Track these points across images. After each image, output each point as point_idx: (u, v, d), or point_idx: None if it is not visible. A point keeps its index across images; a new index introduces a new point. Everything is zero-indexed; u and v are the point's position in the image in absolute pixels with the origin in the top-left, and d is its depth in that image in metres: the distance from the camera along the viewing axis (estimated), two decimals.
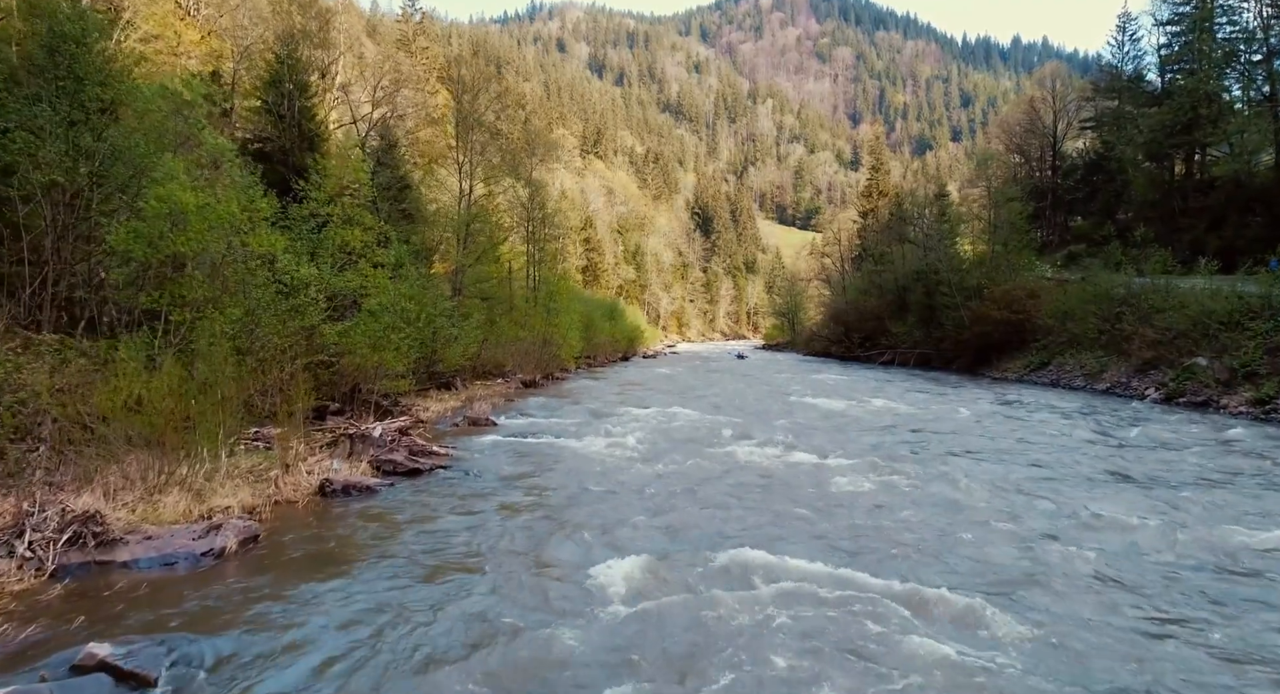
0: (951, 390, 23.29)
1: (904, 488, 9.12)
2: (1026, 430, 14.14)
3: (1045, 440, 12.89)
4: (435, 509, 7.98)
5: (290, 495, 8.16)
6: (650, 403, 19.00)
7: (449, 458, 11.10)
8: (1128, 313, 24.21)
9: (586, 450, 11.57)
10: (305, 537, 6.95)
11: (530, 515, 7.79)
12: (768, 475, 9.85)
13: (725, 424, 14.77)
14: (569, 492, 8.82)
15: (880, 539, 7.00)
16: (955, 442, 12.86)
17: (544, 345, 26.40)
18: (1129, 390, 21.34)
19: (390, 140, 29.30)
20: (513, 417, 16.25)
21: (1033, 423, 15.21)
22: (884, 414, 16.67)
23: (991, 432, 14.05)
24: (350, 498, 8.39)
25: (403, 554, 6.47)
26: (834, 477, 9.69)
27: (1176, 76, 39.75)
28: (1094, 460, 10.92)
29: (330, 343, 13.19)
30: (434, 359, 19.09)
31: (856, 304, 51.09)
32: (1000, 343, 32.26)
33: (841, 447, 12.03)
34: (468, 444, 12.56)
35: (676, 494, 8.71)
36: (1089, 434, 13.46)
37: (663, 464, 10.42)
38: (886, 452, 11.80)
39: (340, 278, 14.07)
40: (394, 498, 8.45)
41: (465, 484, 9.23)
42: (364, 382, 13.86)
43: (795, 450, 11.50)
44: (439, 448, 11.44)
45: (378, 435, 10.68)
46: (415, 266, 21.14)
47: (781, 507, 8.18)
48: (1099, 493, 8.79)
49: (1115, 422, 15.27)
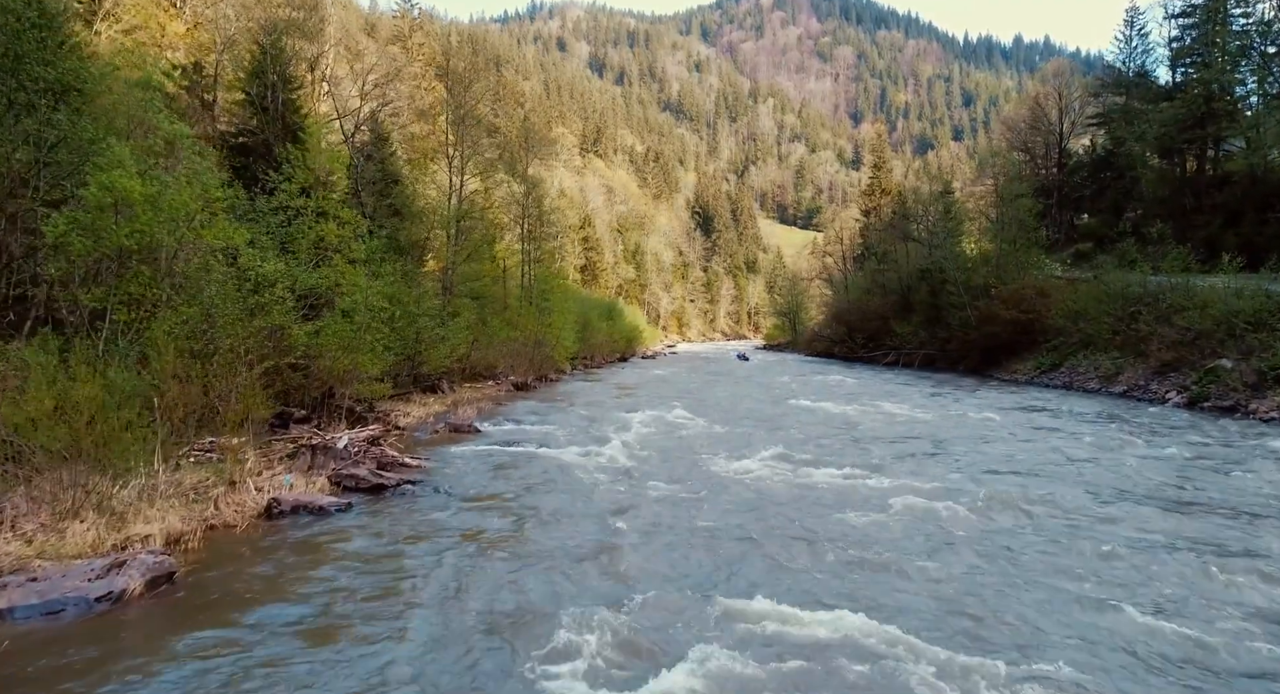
0: (965, 394, 22.25)
1: (951, 522, 7.73)
2: (1061, 441, 12.96)
3: (1088, 454, 11.61)
4: (388, 537, 6.97)
5: (230, 518, 7.21)
6: (645, 408, 18.04)
7: (420, 471, 10.14)
8: (1144, 312, 23.24)
9: (571, 463, 10.60)
10: (227, 574, 5.96)
11: (494, 548, 6.73)
12: (775, 499, 8.72)
13: (725, 433, 13.79)
14: (544, 516, 7.80)
15: (941, 603, 5.40)
16: (991, 455, 11.67)
17: (536, 346, 25.44)
18: (1148, 394, 20.36)
19: (380, 134, 28.38)
20: (498, 423, 15.29)
21: (1065, 432, 14.00)
22: (900, 422, 15.58)
23: (1026, 444, 12.83)
24: (299, 520, 7.43)
25: (328, 601, 5.43)
26: (858, 502, 8.46)
27: (1189, 70, 38.72)
28: (1157, 479, 9.65)
29: (299, 344, 12.23)
30: (417, 361, 18.15)
31: (859, 304, 50.15)
32: (1008, 343, 31.30)
33: (860, 462, 10.82)
34: (445, 454, 11.60)
35: (666, 521, 7.64)
36: (1129, 444, 12.34)
37: (653, 482, 9.37)
38: (916, 470, 10.46)
39: (311, 274, 13.11)
40: (347, 521, 7.47)
41: (430, 504, 8.25)
42: (338, 386, 12.91)
43: (806, 466, 10.36)
44: (410, 459, 10.48)
45: (342, 447, 9.72)
46: (398, 263, 20.20)
47: (796, 544, 6.87)
48: (1197, 528, 7.32)
49: (1147, 430, 14.19)
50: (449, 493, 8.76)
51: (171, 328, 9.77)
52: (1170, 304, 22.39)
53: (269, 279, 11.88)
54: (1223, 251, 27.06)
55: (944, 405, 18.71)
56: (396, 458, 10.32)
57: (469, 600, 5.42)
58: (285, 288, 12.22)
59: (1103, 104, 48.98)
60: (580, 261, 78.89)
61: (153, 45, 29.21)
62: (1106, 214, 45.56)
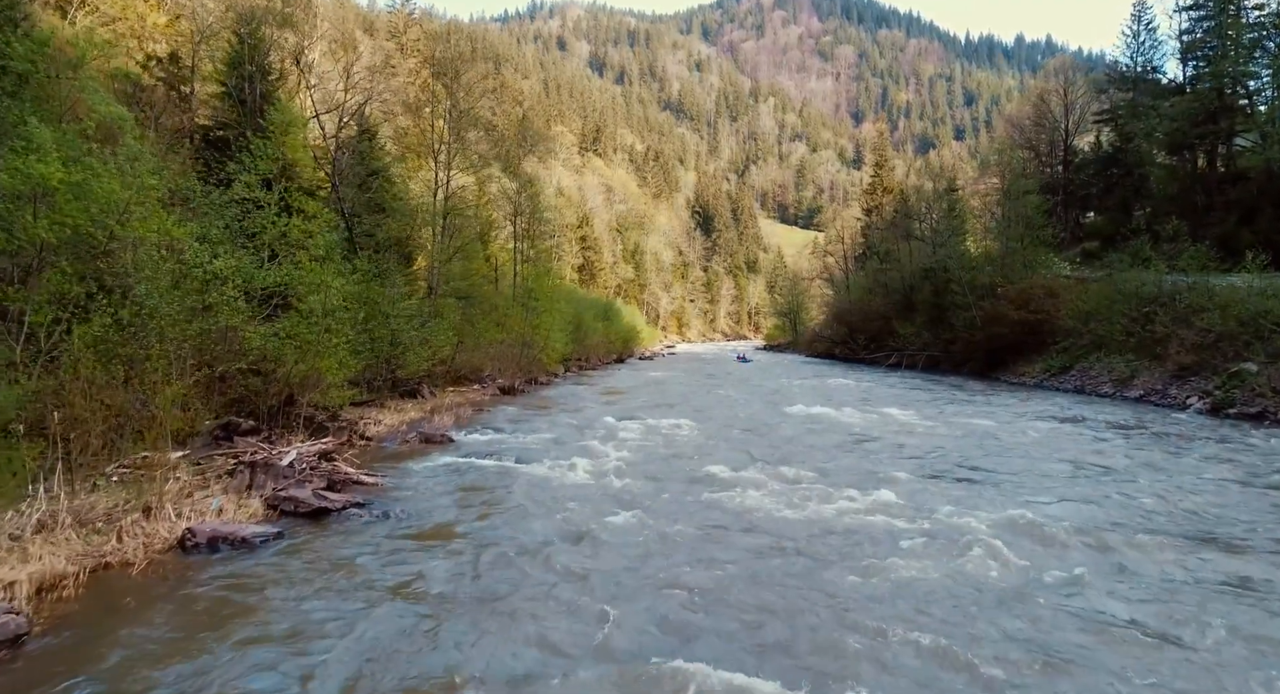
0: (976, 399, 21.08)
1: (1012, 579, 6.01)
2: (1103, 457, 11.53)
3: (1137, 475, 10.21)
4: (310, 582, 5.85)
5: (132, 554, 6.17)
6: (634, 415, 16.99)
7: (376, 490, 9.12)
8: (1160, 313, 22.20)
9: (543, 481, 9.54)
10: (91, 637, 4.84)
11: (437, 599, 5.51)
12: (780, 541, 7.19)
13: (720, 446, 12.65)
14: (506, 551, 6.63)
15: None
16: (1030, 475, 10.28)
17: (524, 348, 24.41)
18: (1167, 399, 19.30)
19: (365, 128, 27.38)
20: (475, 431, 14.26)
21: (1099, 447, 12.53)
22: (913, 432, 14.29)
23: (1060, 460, 11.33)
24: (215, 556, 6.39)
25: (198, 685, 4.30)
26: (886, 545, 6.91)
27: (1200, 64, 37.66)
28: (1247, 507, 8.40)
29: (253, 348, 11.22)
30: (394, 365, 17.13)
31: (861, 304, 49.17)
32: (1015, 345, 30.29)
33: (877, 485, 9.34)
34: (409, 469, 10.57)
35: (642, 577, 6.15)
36: (1176, 461, 11.07)
37: (633, 512, 7.97)
38: (944, 497, 8.83)
39: (268, 272, 12.10)
40: (268, 557, 6.39)
41: (373, 535, 7.18)
42: (299, 392, 11.89)
43: (815, 494, 8.90)
44: (367, 476, 9.46)
45: (286, 463, 8.70)
46: (377, 260, 19.19)
47: (808, 616, 5.35)
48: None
49: (1182, 440, 13.02)
50: (399, 518, 7.72)
51: (101, 331, 8.78)
52: (1189, 304, 21.35)
53: (219, 276, 10.87)
54: (1237, 249, 26.05)
55: (956, 412, 17.58)
56: (350, 475, 9.30)
57: (378, 678, 4.35)
58: (237, 286, 11.22)
59: (1110, 100, 47.94)
60: (578, 261, 77.91)
61: (131, 37, 28.30)
62: (1114, 212, 44.55)
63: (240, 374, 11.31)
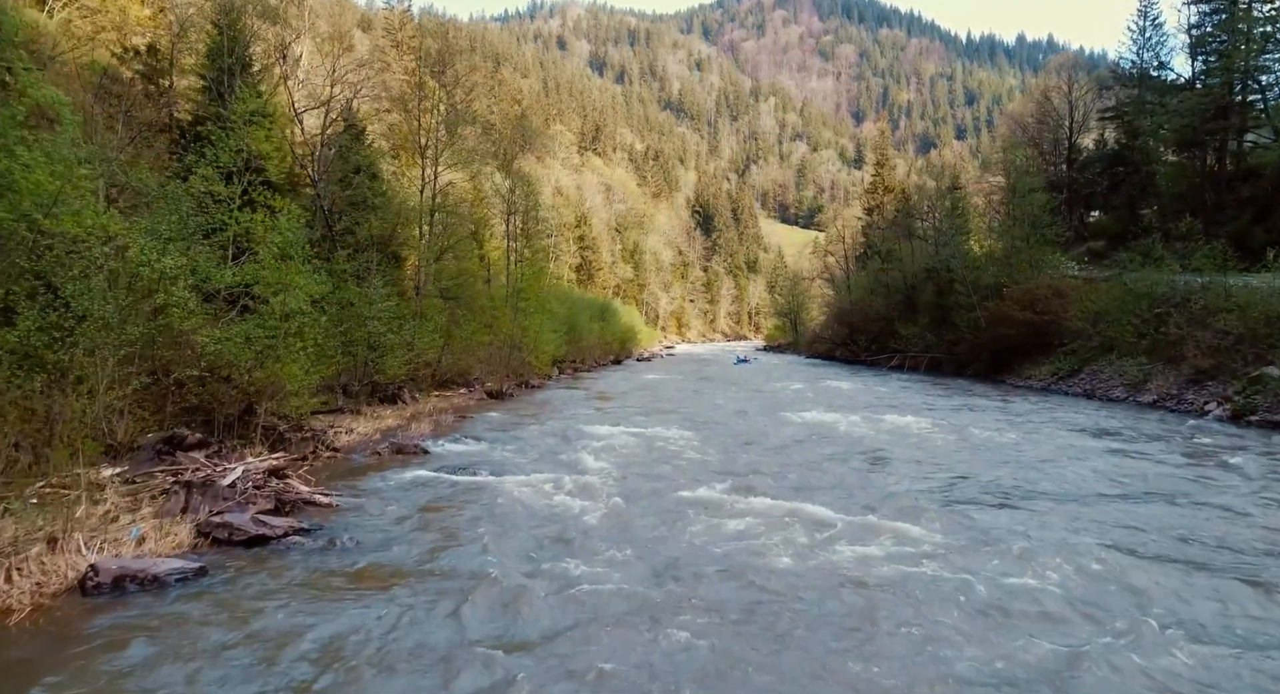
0: (991, 405, 20.02)
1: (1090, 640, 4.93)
2: (1143, 476, 10.23)
3: (1202, 495, 9.08)
4: (206, 637, 4.83)
5: (18, 598, 5.30)
6: (624, 422, 16.13)
7: (330, 511, 8.27)
8: (1174, 314, 21.34)
9: (519, 504, 8.65)
10: None
11: (352, 669, 4.40)
12: (785, 590, 5.82)
13: (714, 461, 11.67)
14: (463, 589, 5.60)
15: None
16: (1072, 499, 9.03)
17: (513, 350, 23.55)
18: (1183, 404, 18.42)
19: (351, 123, 26.54)
20: (453, 441, 13.40)
21: (1141, 463, 11.22)
22: (929, 445, 13.11)
23: (1105, 479, 10.03)
24: (119, 599, 5.53)
25: None
26: (928, 608, 5.44)
27: (1210, 59, 36.78)
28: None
29: (208, 353, 10.39)
30: (371, 370, 16.29)
31: (862, 304, 48.35)
32: (1021, 346, 29.43)
33: (903, 516, 7.97)
34: (373, 486, 9.72)
35: (612, 642, 4.95)
36: (1225, 480, 10.05)
37: (610, 549, 6.84)
38: (984, 535, 7.35)
39: (225, 272, 11.25)
40: (175, 603, 5.41)
41: (312, 569, 6.28)
42: (258, 401, 11.05)
43: (825, 524, 7.61)
44: (321, 496, 8.61)
45: (228, 483, 7.85)
46: (358, 260, 18.36)
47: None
48: None
49: (1225, 453, 12.00)
50: (345, 548, 6.85)
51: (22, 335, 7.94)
52: (1205, 305, 20.49)
53: (168, 275, 10.02)
54: (1251, 248, 25.16)
55: (970, 421, 16.53)
56: (302, 494, 8.45)
57: None
58: (190, 286, 10.37)
59: (1115, 96, 47.09)
60: (576, 261, 77.07)
61: (113, 29, 27.54)
62: (1120, 211, 43.74)
63: (193, 382, 10.47)
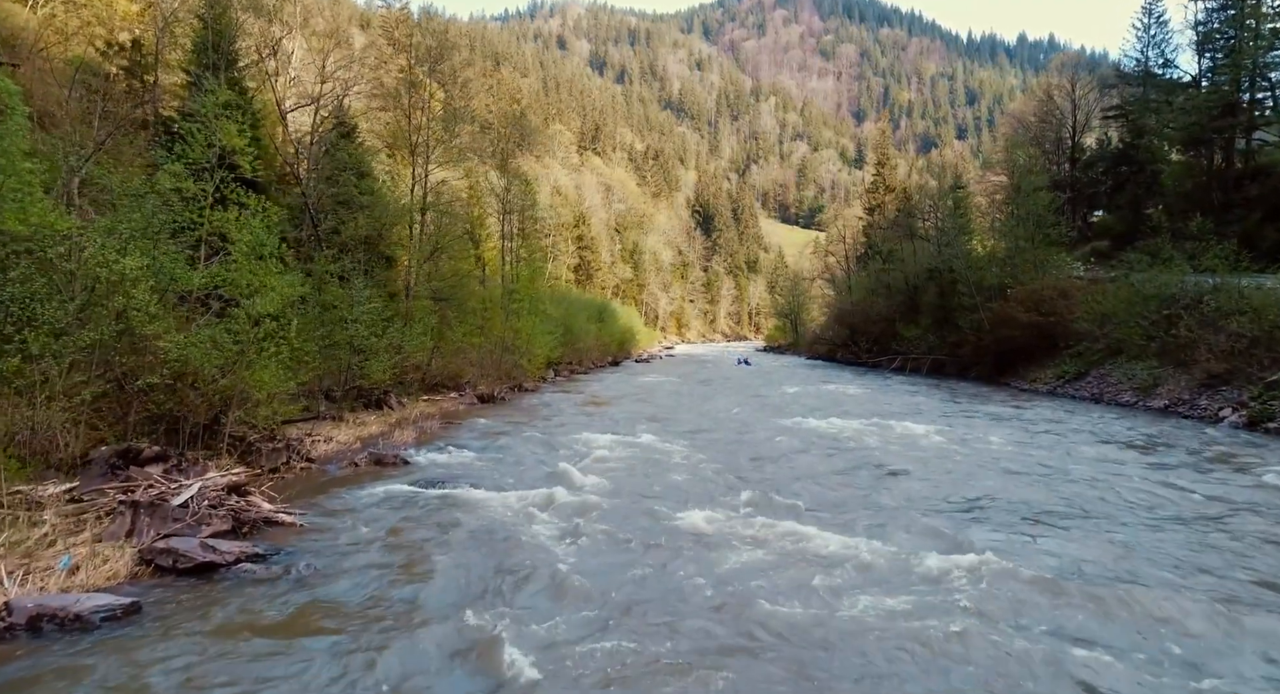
0: (1001, 411, 19.27)
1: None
2: (1187, 497, 9.46)
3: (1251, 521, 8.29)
4: None
5: None
6: (616, 429, 15.52)
7: (293, 531, 7.68)
8: (1185, 316, 20.73)
9: (500, 523, 8.02)
10: None
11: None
12: (800, 655, 4.89)
13: (714, 478, 10.86)
14: (416, 639, 4.94)
15: None
16: (1119, 523, 8.21)
17: (504, 353, 22.94)
18: (1196, 410, 17.81)
19: (343, 120, 25.94)
20: (437, 449, 12.79)
21: (1178, 479, 10.39)
22: (946, 457, 12.20)
23: (1154, 509, 8.91)
24: (35, 643, 4.93)
25: None
26: None
27: (1218, 56, 36.15)
28: None
29: (171, 360, 9.79)
30: (354, 374, 15.69)
31: (863, 305, 47.78)
32: (1025, 349, 28.86)
33: (931, 545, 7.09)
34: (344, 501, 9.12)
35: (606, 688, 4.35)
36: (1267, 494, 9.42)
37: (600, 586, 6.06)
38: (1026, 577, 6.19)
39: (195, 273, 10.65)
40: (93, 649, 4.66)
41: (259, 605, 5.63)
42: (224, 410, 10.45)
43: (840, 560, 6.59)
44: (285, 514, 8.01)
45: (179, 503, 7.25)
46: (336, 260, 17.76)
47: None
48: None
49: (1249, 464, 11.38)
50: (300, 578, 6.24)
51: None
52: (1217, 307, 19.88)
53: (129, 277, 9.43)
54: (1261, 248, 24.54)
55: (985, 429, 15.69)
56: (264, 513, 7.85)
57: None
58: (152, 288, 9.78)
59: (1120, 95, 46.48)
60: (574, 261, 76.48)
61: (99, 24, 27.02)
62: (1124, 210, 43.14)
63: (157, 390, 9.87)
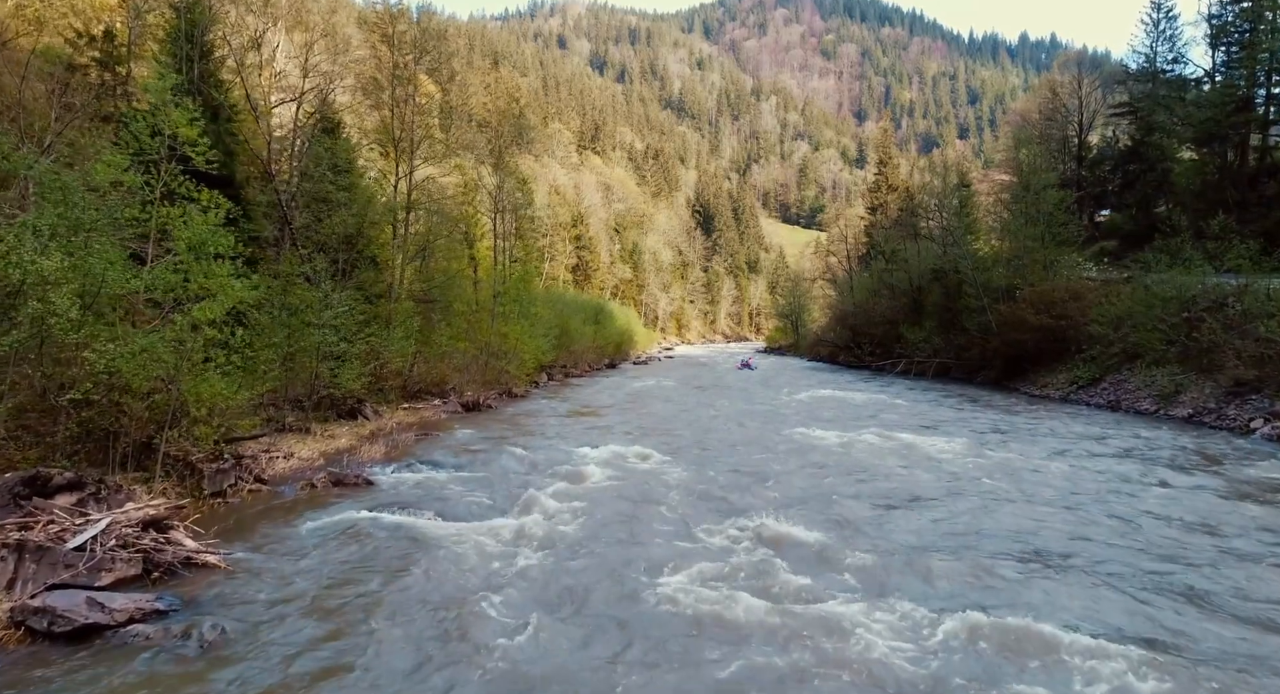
0: (1017, 420, 18.04)
1: None
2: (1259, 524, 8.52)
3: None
4: None
5: None
6: (605, 441, 14.43)
7: (218, 574, 6.61)
8: (1208, 319, 19.64)
9: (462, 564, 6.83)
10: None
11: None
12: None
13: (705, 495, 9.92)
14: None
15: None
16: (1165, 564, 7.25)
17: (491, 358, 21.86)
18: (1224, 420, 16.72)
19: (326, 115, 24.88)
20: (406, 467, 11.72)
21: (1243, 506, 9.45)
22: (965, 474, 11.05)
23: (1202, 541, 8.07)
24: None
25: None
26: None
27: (1234, 48, 35.06)
28: None
29: (99, 372, 8.74)
30: (323, 383, 14.62)
31: (866, 307, 46.70)
32: (1035, 352, 27.77)
33: (956, 600, 6.11)
34: (289, 534, 8.06)
35: None
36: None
37: (570, 665, 5.00)
38: (1064, 640, 5.38)
39: (131, 276, 9.59)
40: None
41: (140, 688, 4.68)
42: (159, 427, 9.39)
43: (856, 622, 5.63)
44: (211, 553, 6.95)
45: (74, 547, 6.19)
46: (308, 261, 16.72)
47: None
48: None
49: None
50: (205, 647, 5.14)
51: None
52: (1244, 309, 18.80)
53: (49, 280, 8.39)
54: None
55: (1004, 441, 14.52)
56: (183, 553, 6.78)
57: None
58: (75, 292, 8.73)
59: (1128, 91, 45.38)
60: (572, 261, 75.39)
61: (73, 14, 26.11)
62: (1134, 209, 42.05)
63: (83, 405, 8.83)
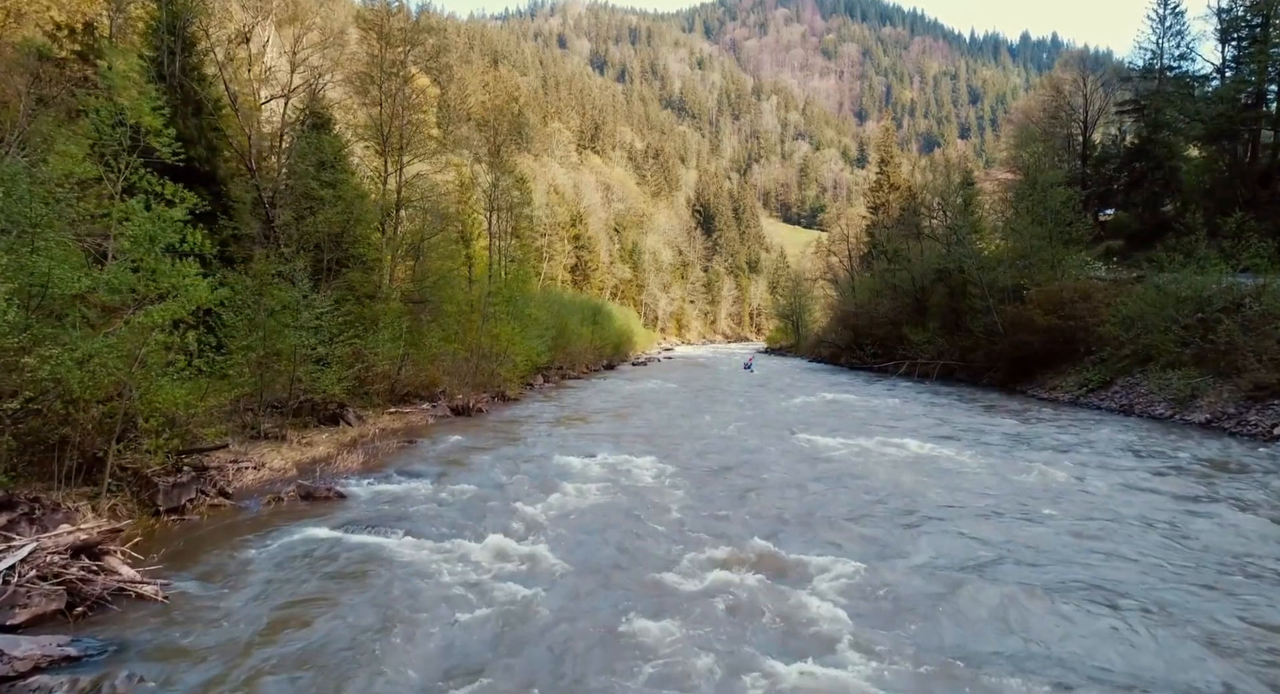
0: (1030, 426, 17.23)
1: None
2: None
3: None
4: None
5: None
6: (597, 449, 13.71)
7: (153, 607, 5.91)
8: (1225, 320, 18.93)
9: (428, 597, 6.11)
10: None
11: None
12: None
13: (701, 512, 9.21)
14: None
15: None
16: (1209, 602, 6.55)
17: (481, 360, 21.16)
18: (1244, 426, 16.00)
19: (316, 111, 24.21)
20: (382, 479, 11.01)
21: None
22: (979, 488, 10.30)
23: (1238, 569, 7.41)
24: None
25: None
26: None
27: (1244, 44, 34.35)
28: None
29: (43, 379, 8.05)
30: (301, 387, 13.92)
31: (868, 307, 46.02)
32: (1043, 354, 27.05)
33: (988, 666, 5.28)
34: (244, 557, 7.36)
35: None
36: None
37: None
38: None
39: (82, 275, 8.90)
40: None
41: None
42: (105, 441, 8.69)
43: (869, 685, 4.94)
44: (147, 583, 6.25)
45: None
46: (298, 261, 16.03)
47: None
48: None
49: None
50: None
51: None
52: (1264, 309, 18.09)
53: None
54: None
55: (1010, 449, 13.87)
56: (116, 582, 6.08)
57: None
58: (13, 291, 8.04)
59: (1134, 89, 44.68)
60: (571, 261, 74.70)
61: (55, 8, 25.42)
62: (1140, 208, 41.37)
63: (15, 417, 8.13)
